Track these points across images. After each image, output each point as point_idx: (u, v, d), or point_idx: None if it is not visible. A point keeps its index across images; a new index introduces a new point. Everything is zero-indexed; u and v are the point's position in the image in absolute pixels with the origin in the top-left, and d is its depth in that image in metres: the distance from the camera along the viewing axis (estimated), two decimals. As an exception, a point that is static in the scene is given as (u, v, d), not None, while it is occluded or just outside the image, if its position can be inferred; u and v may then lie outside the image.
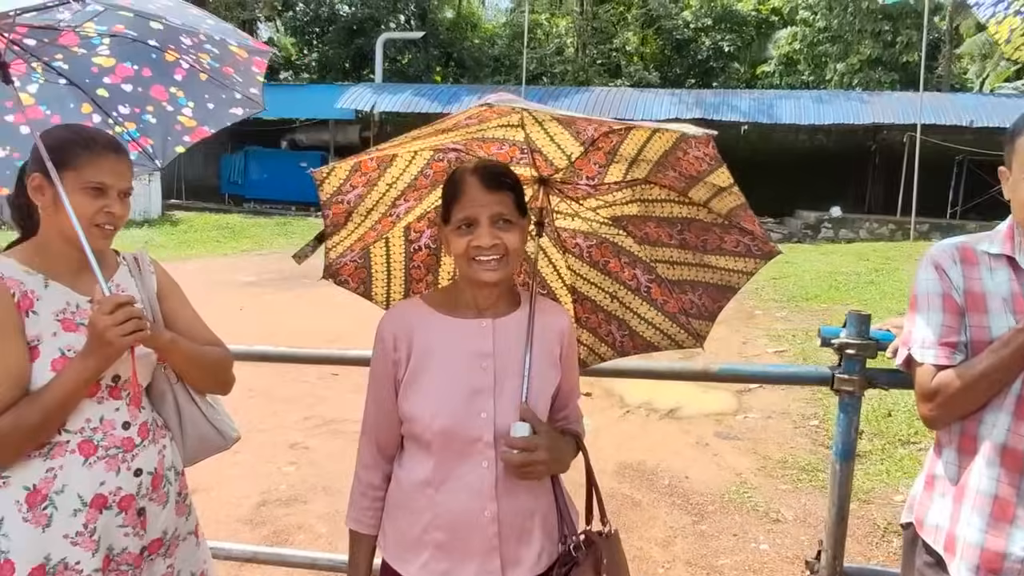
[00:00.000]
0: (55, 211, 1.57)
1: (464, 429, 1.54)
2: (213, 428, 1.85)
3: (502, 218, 1.53)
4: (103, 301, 1.50)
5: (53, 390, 1.51)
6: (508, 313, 1.65)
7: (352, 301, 2.10)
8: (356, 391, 6.20)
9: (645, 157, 1.63)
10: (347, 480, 1.72)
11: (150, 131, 2.06)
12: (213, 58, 1.96)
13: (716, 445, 5.37)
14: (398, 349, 1.60)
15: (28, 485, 1.54)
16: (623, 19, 29.06)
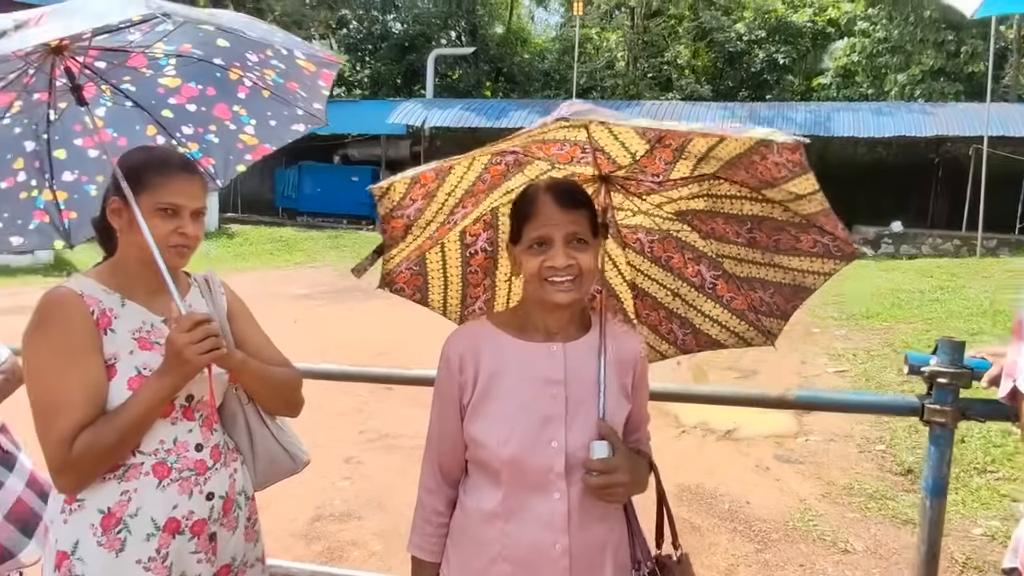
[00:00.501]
0: (131, 233, 1.58)
1: (534, 458, 1.48)
2: (284, 451, 1.82)
3: (576, 238, 1.48)
4: (182, 319, 1.50)
5: (130, 409, 1.50)
6: (578, 337, 1.59)
7: (403, 314, 2.08)
8: (410, 405, 6.24)
9: (716, 155, 1.55)
10: (402, 496, 1.69)
11: (212, 151, 2.07)
12: (279, 74, 1.95)
13: (777, 469, 5.19)
14: (464, 371, 1.56)
15: (103, 508, 1.53)
16: (674, 32, 28.84)
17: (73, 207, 1.99)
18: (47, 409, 1.48)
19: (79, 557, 1.51)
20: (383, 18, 32.06)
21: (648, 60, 28.77)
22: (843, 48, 26.57)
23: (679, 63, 28.59)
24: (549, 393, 1.51)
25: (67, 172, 1.98)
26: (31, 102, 1.84)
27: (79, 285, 1.58)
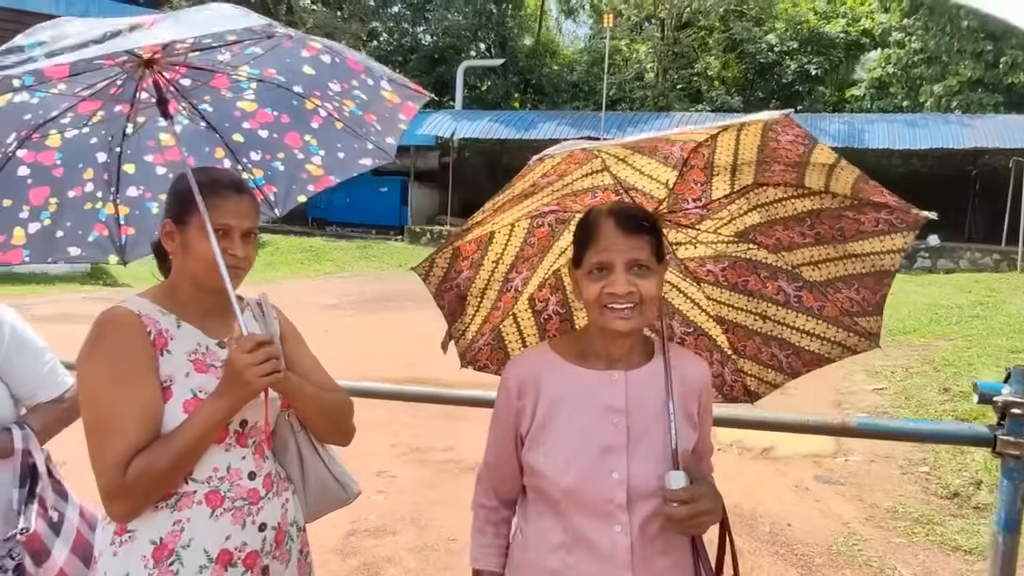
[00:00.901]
0: (184, 256, 1.56)
1: (594, 489, 1.44)
2: (335, 480, 1.76)
3: (638, 264, 1.43)
4: (243, 340, 1.45)
5: (185, 432, 1.44)
6: (641, 365, 1.54)
7: (432, 326, 2.05)
8: (441, 418, 6.21)
9: (744, 160, 1.51)
10: (436, 513, 1.67)
11: (276, 179, 2.04)
12: (358, 105, 1.91)
13: (817, 490, 5.06)
14: (522, 397, 1.53)
15: (155, 539, 1.47)
16: (704, 44, 28.70)
17: (132, 223, 1.97)
18: (101, 431, 1.43)
19: None
20: (413, 30, 32.36)
21: (678, 71, 28.64)
22: (877, 59, 26.23)
23: (709, 74, 28.42)
24: (610, 422, 1.47)
25: (132, 187, 1.96)
26: (112, 113, 1.83)
27: (136, 305, 1.56)
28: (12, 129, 1.71)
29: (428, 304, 1.86)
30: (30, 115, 1.70)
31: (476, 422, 6.32)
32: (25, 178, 1.78)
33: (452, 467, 5.26)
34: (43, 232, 1.85)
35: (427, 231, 23.73)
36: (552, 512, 1.49)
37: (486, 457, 1.61)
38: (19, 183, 1.78)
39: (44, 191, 1.82)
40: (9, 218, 1.79)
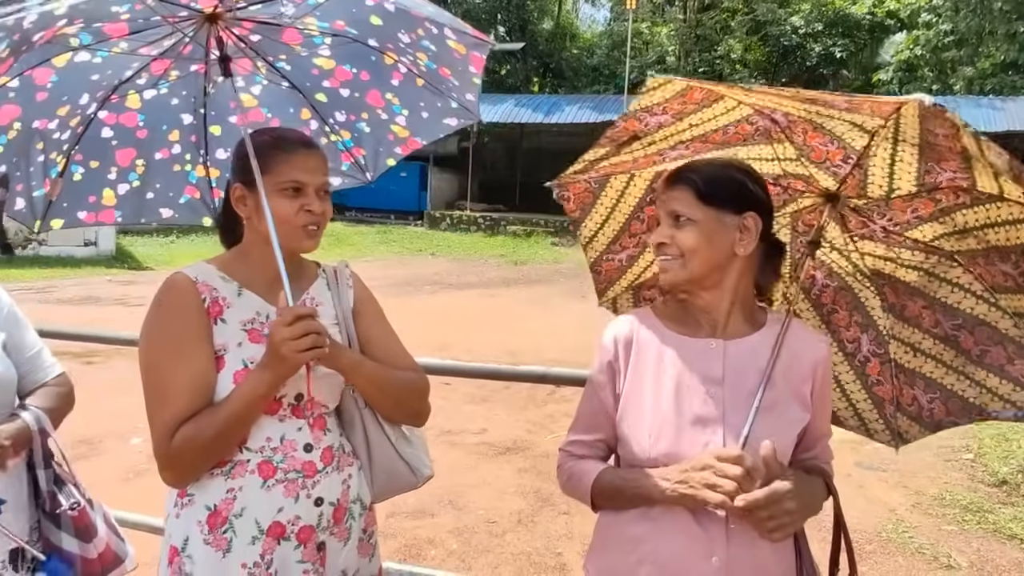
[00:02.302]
0: (258, 219, 1.49)
1: (685, 461, 1.35)
2: (403, 462, 1.64)
3: (675, 215, 1.41)
4: (284, 311, 1.39)
5: (230, 403, 1.40)
6: (745, 335, 1.45)
7: (458, 309, 1.98)
8: (472, 402, 6.17)
9: (987, 238, 1.38)
10: (473, 494, 1.60)
11: (363, 140, 1.95)
12: (431, 57, 1.81)
13: (859, 476, 4.96)
14: (619, 357, 1.48)
15: (210, 505, 1.45)
16: (727, 26, 28.25)
17: (223, 186, 1.89)
18: (154, 399, 1.42)
19: (188, 555, 1.44)
20: (432, 14, 32.13)
21: (700, 54, 28.24)
22: (904, 41, 25.69)
23: (732, 57, 27.99)
24: (705, 392, 1.39)
25: (221, 150, 1.92)
26: (189, 73, 1.78)
27: (195, 271, 1.51)
28: (84, 90, 1.67)
29: (452, 288, 1.80)
30: (98, 75, 1.65)
31: (506, 405, 6.30)
32: (110, 139, 1.77)
33: (486, 450, 5.21)
34: (132, 193, 1.83)
35: (446, 216, 23.65)
36: None
37: (577, 421, 1.56)
38: (104, 144, 1.76)
39: (130, 152, 1.80)
40: (98, 179, 1.78)
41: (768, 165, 1.58)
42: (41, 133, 1.67)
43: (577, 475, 1.50)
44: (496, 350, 7.86)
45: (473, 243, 20.75)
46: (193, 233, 18.94)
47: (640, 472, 1.39)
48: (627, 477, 1.42)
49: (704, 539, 1.34)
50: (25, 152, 1.66)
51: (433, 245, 20.24)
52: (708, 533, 1.34)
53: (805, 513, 1.35)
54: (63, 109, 1.67)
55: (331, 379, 1.53)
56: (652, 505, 1.38)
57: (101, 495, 1.91)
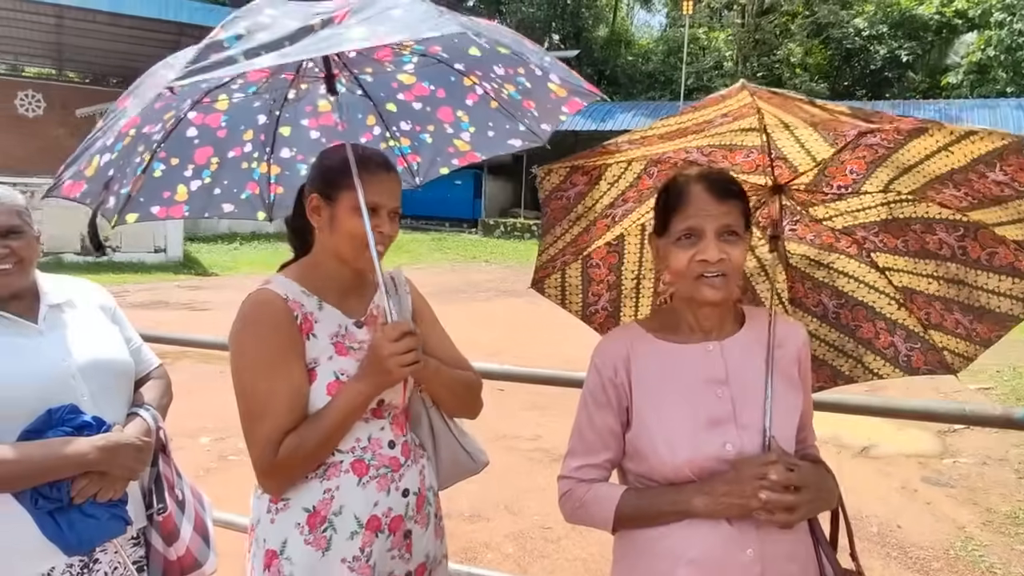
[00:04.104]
0: (331, 231, 1.55)
1: (708, 463, 1.38)
2: (464, 451, 1.78)
3: (729, 231, 1.38)
4: (389, 328, 1.47)
5: (330, 414, 1.48)
6: (733, 333, 1.49)
7: (510, 316, 2.03)
8: (527, 408, 6.20)
9: (927, 171, 1.41)
10: (529, 499, 1.61)
11: (422, 149, 2.04)
12: (519, 90, 1.87)
13: (926, 492, 4.81)
14: (618, 375, 1.48)
15: (308, 507, 1.52)
16: (787, 30, 27.73)
17: (282, 182, 2.01)
18: (254, 413, 1.49)
19: (287, 556, 1.51)
20: (487, 24, 32.41)
21: (759, 59, 27.79)
22: (976, 42, 24.73)
23: (792, 61, 27.46)
24: (714, 394, 1.42)
25: (286, 149, 2.00)
26: (278, 80, 1.86)
27: (282, 288, 1.56)
28: (188, 96, 1.76)
29: (505, 295, 1.85)
30: (207, 83, 1.74)
31: (561, 412, 6.29)
32: (193, 139, 1.83)
33: (541, 456, 5.23)
34: (203, 189, 1.90)
35: (500, 223, 23.80)
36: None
37: (578, 445, 1.53)
38: (187, 143, 1.82)
39: (208, 151, 1.87)
40: (176, 176, 1.84)
41: None
42: (145, 137, 1.74)
43: (592, 501, 1.48)
44: (549, 357, 7.87)
45: (527, 250, 20.81)
46: (255, 240, 19.53)
47: (673, 491, 1.39)
48: (658, 499, 1.41)
49: (735, 534, 1.35)
50: (128, 154, 1.73)
51: (487, 252, 20.38)
52: (738, 528, 1.35)
53: (821, 503, 1.38)
54: (169, 113, 1.76)
55: (407, 385, 1.63)
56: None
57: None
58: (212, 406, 6.20)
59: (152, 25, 20.58)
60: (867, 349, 1.80)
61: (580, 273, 1.84)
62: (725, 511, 1.34)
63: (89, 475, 1.57)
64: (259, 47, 1.27)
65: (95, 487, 1.57)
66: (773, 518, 1.30)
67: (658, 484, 1.43)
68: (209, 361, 7.53)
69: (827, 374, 1.87)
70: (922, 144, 1.38)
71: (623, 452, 1.50)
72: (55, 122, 24.99)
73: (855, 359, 1.84)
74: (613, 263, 1.83)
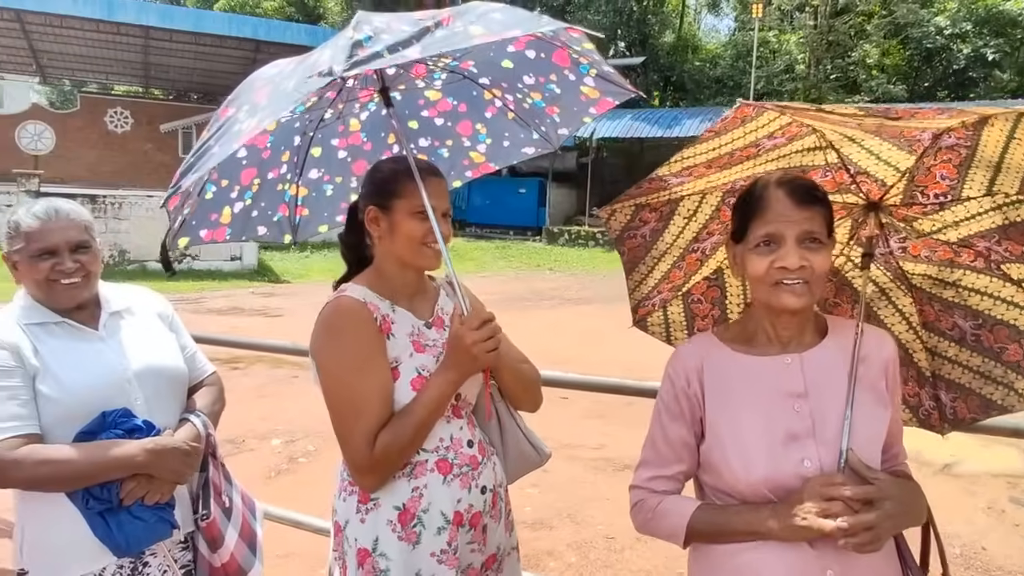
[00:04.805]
0: (391, 238, 1.64)
1: (786, 480, 1.34)
2: (529, 443, 1.83)
3: (811, 237, 1.34)
4: (469, 317, 1.57)
5: (420, 406, 1.56)
6: (814, 345, 1.43)
7: (576, 323, 2.04)
8: (591, 416, 6.16)
9: (1014, 162, 1.33)
10: (592, 508, 1.59)
11: (438, 164, 1.99)
12: (545, 98, 1.90)
13: (1015, 514, 4.54)
14: (691, 386, 1.46)
15: (398, 505, 1.59)
16: (863, 30, 26.79)
17: (307, 204, 2.06)
18: (348, 412, 1.56)
19: (381, 553, 1.58)
20: (552, 32, 32.50)
21: (832, 61, 26.93)
22: (1070, 37, 23.34)
23: (867, 63, 26.49)
24: (791, 408, 1.38)
25: (315, 170, 2.04)
26: (323, 100, 1.89)
27: (360, 294, 1.64)
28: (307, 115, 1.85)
29: (569, 303, 1.87)
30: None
31: (625, 422, 6.23)
32: (241, 159, 1.88)
33: (605, 465, 5.19)
34: (243, 211, 1.94)
35: (564, 231, 23.76)
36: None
37: (651, 456, 1.52)
38: (236, 164, 1.88)
39: (252, 172, 1.91)
40: (224, 198, 1.89)
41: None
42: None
43: (663, 513, 1.46)
44: (613, 365, 7.80)
45: (591, 258, 20.71)
46: (325, 248, 20.07)
47: (745, 509, 1.36)
48: (732, 517, 1.38)
49: (814, 554, 1.31)
50: (201, 181, 1.78)
51: (551, 260, 20.37)
52: (818, 548, 1.31)
53: (905, 519, 1.32)
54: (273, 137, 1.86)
55: (474, 378, 1.69)
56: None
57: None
58: (283, 409, 6.40)
59: (231, 43, 21.50)
60: (1018, 374, 1.62)
61: (683, 309, 1.84)
62: (796, 534, 1.29)
63: (137, 478, 1.64)
64: (395, 44, 1.35)
65: (143, 490, 1.64)
66: (854, 540, 1.24)
67: (734, 499, 1.40)
68: (281, 366, 7.78)
69: (977, 404, 1.70)
70: (993, 136, 1.31)
71: (697, 464, 1.48)
72: (142, 137, 26.34)
73: (1006, 386, 1.65)
74: (715, 297, 1.81)
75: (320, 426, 5.84)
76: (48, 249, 1.70)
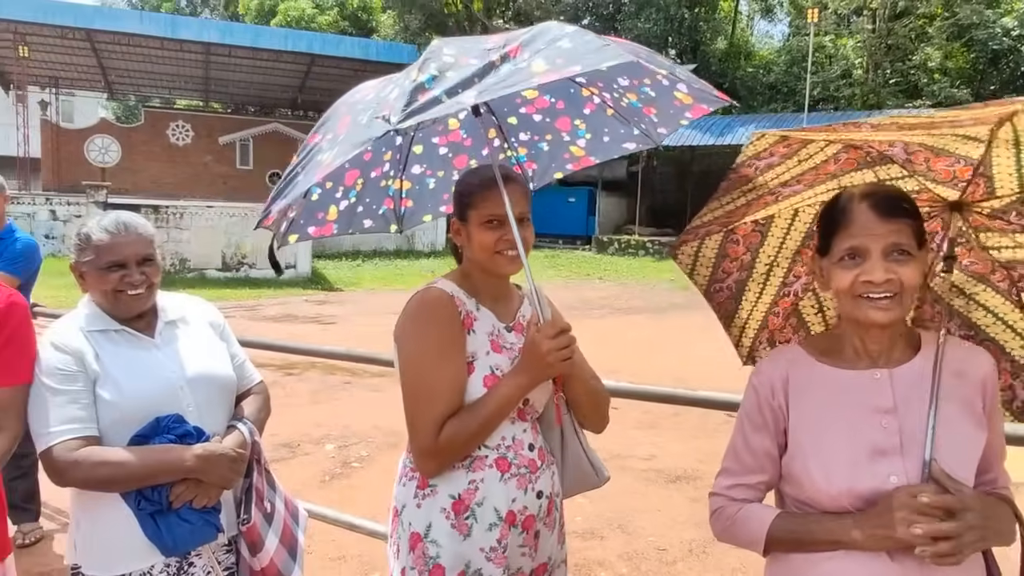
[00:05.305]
0: (470, 247, 1.70)
1: (870, 495, 1.30)
2: (589, 463, 1.82)
3: (898, 249, 1.30)
4: (547, 325, 1.59)
5: (489, 403, 1.59)
6: (905, 360, 1.39)
7: (626, 333, 2.00)
8: (641, 427, 6.10)
9: None
10: (643, 520, 1.57)
11: (538, 157, 2.13)
12: (641, 99, 1.91)
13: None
14: (776, 397, 1.44)
15: (453, 494, 1.62)
16: (924, 33, 26.01)
17: (411, 196, 2.15)
18: (420, 397, 1.61)
19: (432, 539, 1.61)
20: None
21: (892, 65, 26.22)
22: None
23: (929, 66, 25.70)
24: (879, 424, 1.34)
25: (417, 165, 2.13)
26: None
27: (448, 287, 1.70)
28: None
29: (618, 312, 1.86)
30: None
31: (676, 433, 6.15)
32: (344, 164, 1.93)
33: (655, 476, 5.12)
34: (348, 208, 2.04)
35: (614, 240, 23.65)
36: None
37: (733, 463, 1.51)
38: (340, 169, 1.92)
39: (355, 173, 2.00)
40: (329, 198, 1.99)
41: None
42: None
43: (743, 521, 1.45)
44: (663, 376, 7.72)
45: (641, 267, 20.55)
46: (376, 257, 20.41)
47: (827, 518, 1.34)
48: (813, 526, 1.36)
49: (897, 567, 1.28)
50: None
51: (600, 269, 20.28)
52: (899, 561, 1.27)
53: (990, 537, 1.26)
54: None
55: (544, 386, 1.71)
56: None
57: (301, 495, 2.10)
58: (337, 415, 6.51)
59: (287, 57, 22.12)
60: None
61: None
62: (878, 544, 1.27)
63: (187, 481, 1.70)
64: (455, 86, 1.39)
65: (191, 493, 1.70)
66: (933, 549, 1.20)
67: (815, 511, 1.37)
68: (334, 372, 7.92)
69: None
70: None
71: (779, 475, 1.46)
72: (201, 149, 27.26)
73: None
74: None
75: (373, 432, 5.92)
76: (118, 262, 1.78)
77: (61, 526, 3.99)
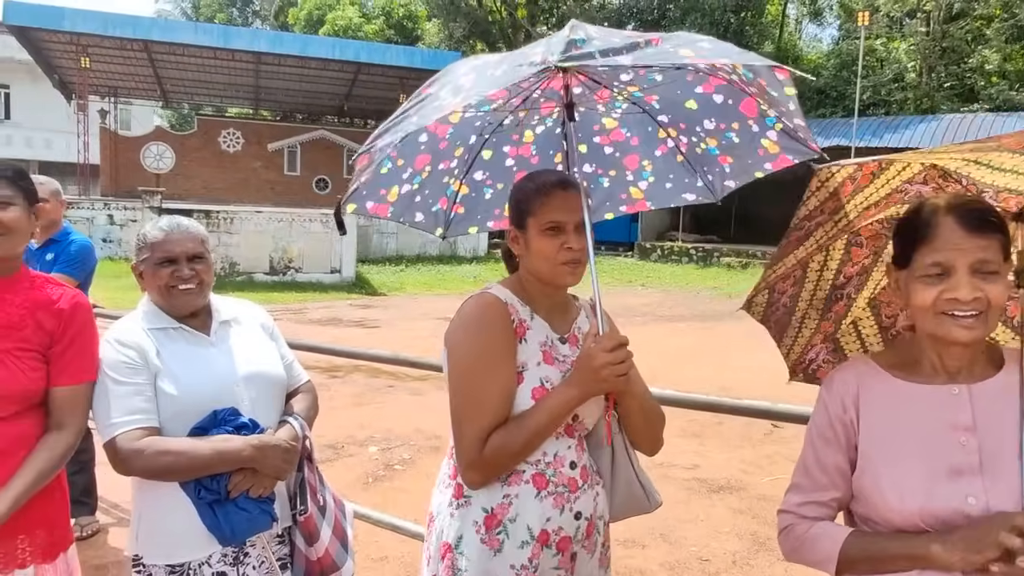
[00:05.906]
0: (528, 256, 1.65)
1: (945, 515, 1.25)
2: (641, 486, 1.74)
3: (985, 266, 1.24)
4: (604, 338, 1.53)
5: (537, 416, 1.54)
6: (986, 377, 1.33)
7: (669, 340, 1.97)
8: (684, 436, 6.04)
9: None
10: (685, 529, 1.53)
11: (596, 192, 2.04)
12: (721, 146, 1.86)
13: None
14: (847, 411, 1.39)
15: (487, 508, 1.58)
16: (981, 35, 25.21)
17: (465, 203, 2.09)
18: (469, 405, 1.57)
19: (461, 551, 1.58)
20: (646, 47, 32.23)
21: (946, 68, 25.48)
22: None
23: (986, 69, 24.89)
24: (957, 441, 1.28)
25: (480, 171, 2.07)
26: (508, 104, 1.91)
27: (503, 294, 1.66)
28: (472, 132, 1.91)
29: (661, 320, 1.83)
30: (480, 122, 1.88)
31: (719, 442, 6.07)
32: (420, 143, 1.92)
33: (698, 486, 5.06)
34: (409, 194, 1.98)
35: (657, 247, 23.43)
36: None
37: (804, 480, 1.46)
38: (415, 147, 1.91)
39: (427, 158, 1.96)
40: (396, 176, 1.94)
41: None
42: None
43: (814, 538, 1.39)
44: (706, 384, 7.62)
45: (684, 275, 20.31)
46: (419, 262, 20.57)
47: (903, 536, 1.29)
48: (889, 543, 1.30)
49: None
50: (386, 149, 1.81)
51: (643, 276, 20.10)
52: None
53: None
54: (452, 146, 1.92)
55: (596, 402, 1.65)
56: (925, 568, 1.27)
57: (345, 496, 2.13)
58: (380, 418, 6.59)
59: (334, 65, 22.52)
60: None
61: (860, 332, 1.79)
62: (963, 563, 1.20)
63: (244, 471, 1.75)
64: (607, 49, 1.40)
65: (248, 483, 1.75)
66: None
67: (887, 531, 1.32)
68: (378, 375, 8.02)
69: None
70: None
71: (851, 492, 1.41)
72: (251, 156, 27.91)
73: None
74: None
75: (415, 435, 5.98)
76: (169, 257, 1.85)
77: (117, 520, 4.13)
